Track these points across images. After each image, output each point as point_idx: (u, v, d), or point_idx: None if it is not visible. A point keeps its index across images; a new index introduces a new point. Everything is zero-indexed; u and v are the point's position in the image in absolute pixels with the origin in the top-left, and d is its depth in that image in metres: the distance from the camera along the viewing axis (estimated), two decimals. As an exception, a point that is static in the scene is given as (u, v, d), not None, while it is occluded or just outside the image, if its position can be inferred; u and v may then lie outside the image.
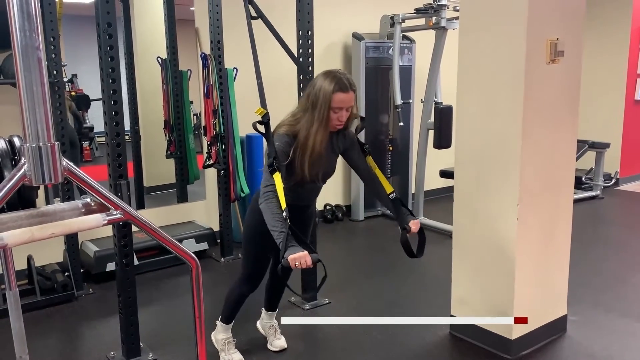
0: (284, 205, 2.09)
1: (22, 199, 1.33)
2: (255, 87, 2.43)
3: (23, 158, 1.13)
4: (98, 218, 1.22)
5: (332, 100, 2.14)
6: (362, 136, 2.54)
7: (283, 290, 2.78)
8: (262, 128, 2.25)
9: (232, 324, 2.66)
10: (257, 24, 2.77)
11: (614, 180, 6.43)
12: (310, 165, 2.23)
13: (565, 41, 2.52)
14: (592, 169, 6.13)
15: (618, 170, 6.55)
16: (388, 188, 2.34)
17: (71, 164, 1.19)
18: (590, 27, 5.84)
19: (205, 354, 1.46)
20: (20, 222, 1.19)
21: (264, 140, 2.34)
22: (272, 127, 2.30)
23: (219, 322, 2.67)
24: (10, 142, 1.35)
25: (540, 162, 2.57)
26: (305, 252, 2.01)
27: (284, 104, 4.14)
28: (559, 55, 2.50)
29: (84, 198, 1.34)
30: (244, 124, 4.11)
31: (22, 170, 1.13)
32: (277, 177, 2.12)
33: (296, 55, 2.98)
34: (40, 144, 1.13)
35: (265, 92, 2.53)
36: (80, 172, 1.20)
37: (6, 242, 1.10)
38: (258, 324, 2.88)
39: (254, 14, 2.72)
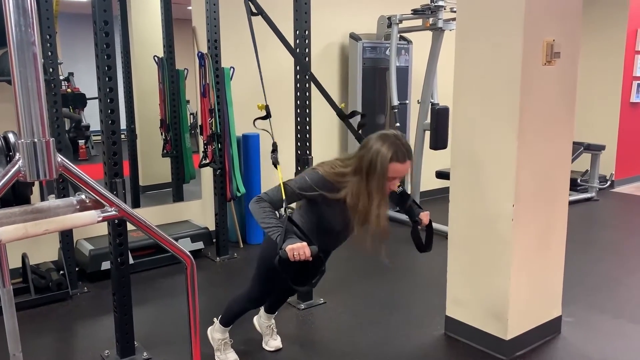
0: (284, 196, 2.09)
1: (17, 195, 1.32)
2: (252, 86, 2.43)
3: (18, 154, 1.13)
4: (92, 215, 1.21)
5: (388, 169, 2.02)
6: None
7: (286, 300, 2.79)
8: (263, 124, 2.25)
9: (230, 327, 2.66)
10: (256, 23, 2.77)
11: (609, 183, 6.45)
12: (361, 228, 2.14)
13: (561, 43, 2.52)
14: (587, 170, 6.15)
15: (613, 173, 6.57)
16: None
17: (66, 160, 1.18)
18: (586, 30, 5.86)
19: (199, 354, 1.45)
20: (14, 219, 1.18)
21: (261, 137, 2.34)
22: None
23: (217, 322, 2.66)
24: (5, 138, 1.34)
25: (536, 163, 2.58)
26: (304, 243, 1.98)
27: (282, 103, 4.16)
28: (556, 56, 2.51)
29: (78, 195, 1.33)
30: (241, 123, 4.11)
31: (17, 166, 1.13)
32: (279, 170, 2.12)
33: (293, 55, 2.98)
34: (35, 140, 1.12)
35: (265, 91, 2.54)
36: (75, 169, 1.20)
37: (0, 238, 1.09)
38: (255, 320, 2.87)
39: (254, 10, 2.72)
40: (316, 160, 3.17)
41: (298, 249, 1.96)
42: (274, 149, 2.17)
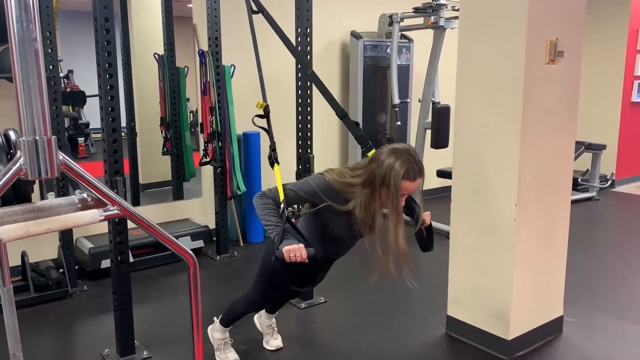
0: (282, 198, 2.08)
1: (18, 193, 1.31)
2: (253, 84, 2.42)
3: (19, 152, 1.11)
4: (95, 214, 1.20)
5: (400, 187, 1.98)
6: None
7: (287, 301, 2.78)
8: (262, 123, 2.24)
9: (230, 327, 2.65)
10: (257, 22, 2.75)
11: (610, 182, 6.44)
12: (383, 253, 2.11)
13: (565, 41, 2.51)
14: (588, 170, 6.14)
15: (614, 172, 6.57)
16: None
17: (68, 158, 1.17)
18: (588, 29, 5.83)
19: (202, 352, 1.44)
20: (15, 217, 1.17)
21: (261, 135, 2.33)
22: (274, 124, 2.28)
23: (217, 322, 2.65)
24: (6, 136, 1.33)
25: (539, 163, 2.57)
26: (301, 245, 1.98)
27: (282, 100, 4.14)
28: (559, 55, 2.50)
29: (80, 193, 1.32)
30: (241, 121, 4.09)
31: (18, 164, 1.11)
32: (277, 170, 2.11)
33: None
34: (37, 138, 1.11)
35: (265, 90, 2.52)
36: (77, 167, 1.18)
37: (1, 237, 1.08)
38: (256, 319, 2.86)
39: (255, 8, 2.71)
40: (317, 159, 3.17)
41: (294, 251, 1.95)
42: (273, 149, 2.15)
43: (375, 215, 2.05)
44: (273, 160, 2.15)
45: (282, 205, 2.07)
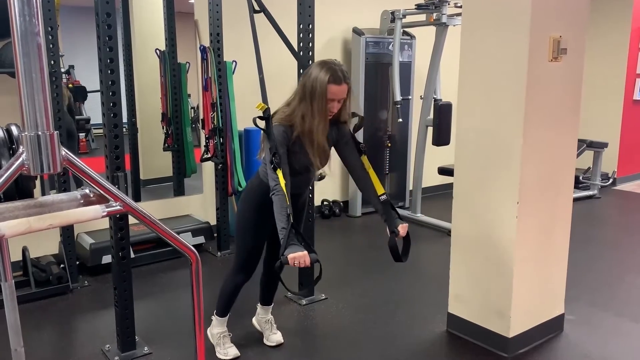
0: (288, 201, 2.09)
1: (20, 189, 1.30)
2: (254, 81, 2.41)
3: (21, 147, 1.11)
4: (97, 209, 1.19)
5: (327, 91, 2.17)
6: (360, 132, 2.52)
7: (277, 284, 2.76)
8: (262, 124, 2.24)
9: (227, 317, 2.65)
10: (258, 19, 2.74)
11: (611, 180, 6.44)
12: (317, 156, 2.28)
13: (568, 39, 2.50)
14: (589, 168, 6.13)
15: (615, 170, 6.56)
16: (379, 189, 2.33)
17: (70, 153, 1.16)
18: (590, 27, 5.83)
19: (204, 347, 1.44)
20: (18, 213, 1.16)
21: (262, 134, 2.32)
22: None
23: (214, 317, 2.66)
24: (8, 131, 1.32)
25: (541, 160, 2.56)
26: (305, 252, 2.03)
27: (283, 98, 4.13)
28: (562, 53, 2.49)
29: (82, 189, 1.31)
30: (243, 117, 4.09)
31: (21, 159, 1.11)
32: (280, 174, 2.12)
33: (296, 49, 2.95)
34: (39, 133, 1.10)
35: (266, 86, 2.49)
36: (79, 162, 1.18)
37: (3, 233, 1.07)
38: (254, 320, 2.87)
39: (256, 7, 2.69)
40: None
41: (299, 258, 2.02)
42: (274, 153, 2.15)
43: (313, 125, 2.22)
44: (275, 165, 2.15)
45: (288, 210, 2.10)
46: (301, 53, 3.05)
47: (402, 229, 2.25)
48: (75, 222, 1.19)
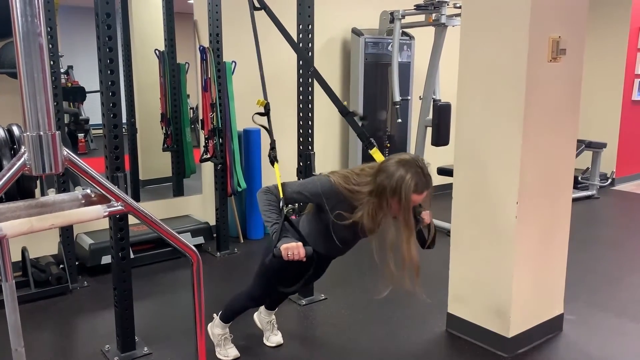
0: (281, 195, 2.08)
1: (21, 189, 1.30)
2: (254, 81, 2.41)
3: (23, 147, 1.11)
4: (98, 209, 1.19)
5: (410, 201, 1.96)
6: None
7: (287, 297, 2.79)
8: (262, 121, 2.24)
9: (230, 323, 2.65)
10: (258, 17, 2.74)
11: (610, 180, 6.45)
12: (355, 239, 2.21)
13: (567, 39, 2.51)
14: (588, 168, 6.14)
15: (614, 170, 6.57)
16: None
17: (72, 154, 1.16)
18: (589, 27, 5.83)
19: (204, 348, 1.44)
20: (19, 213, 1.16)
21: (262, 132, 2.33)
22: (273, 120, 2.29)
23: (217, 318, 2.65)
24: (9, 131, 1.32)
25: (540, 160, 2.57)
26: (299, 243, 2.00)
27: (283, 98, 4.14)
28: (561, 53, 2.49)
29: (83, 189, 1.31)
30: (242, 118, 4.09)
31: (22, 159, 1.11)
32: (277, 168, 2.12)
33: (296, 49, 2.96)
34: (41, 133, 1.10)
35: (266, 84, 2.50)
36: (81, 163, 1.18)
37: (5, 233, 1.07)
38: (255, 317, 2.86)
39: (257, 4, 2.70)
40: (318, 156, 3.16)
41: (292, 249, 1.97)
42: (273, 147, 2.16)
43: (381, 224, 2.07)
44: (272, 158, 2.16)
45: (281, 203, 2.08)
46: (301, 53, 3.05)
47: (426, 215, 2.24)
48: (77, 222, 1.19)
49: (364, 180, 2.07)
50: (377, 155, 2.35)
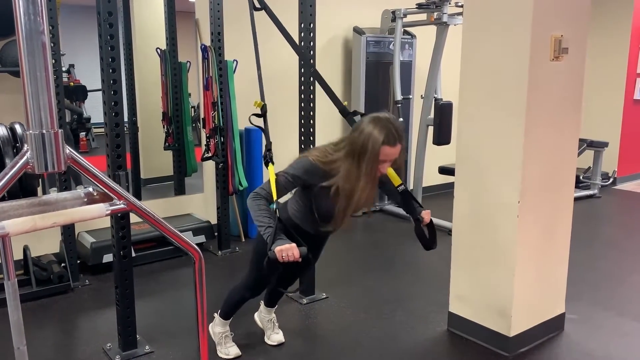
0: (275, 197, 2.09)
1: (24, 187, 1.31)
2: (255, 80, 2.41)
3: (26, 145, 1.11)
4: (101, 208, 1.19)
5: (380, 153, 2.01)
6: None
7: (284, 292, 2.79)
8: (259, 122, 2.25)
9: (230, 320, 2.65)
10: (259, 17, 2.74)
11: (611, 179, 6.44)
12: (347, 215, 2.19)
13: (569, 38, 2.50)
14: (590, 167, 6.14)
15: (616, 170, 6.56)
16: (396, 181, 2.33)
17: (74, 152, 1.16)
18: (591, 26, 5.84)
19: (207, 346, 1.44)
20: (22, 211, 1.17)
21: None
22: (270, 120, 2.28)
23: (217, 316, 2.66)
24: (12, 129, 1.32)
25: (542, 159, 2.56)
26: (293, 245, 2.00)
27: (284, 98, 4.14)
28: (563, 52, 2.49)
29: (85, 187, 1.31)
30: (243, 116, 4.07)
31: (25, 157, 1.11)
32: (271, 169, 2.12)
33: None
34: (44, 131, 1.10)
35: (266, 85, 2.50)
36: (83, 161, 1.18)
37: (7, 231, 1.08)
38: (256, 316, 2.86)
39: (257, 4, 2.70)
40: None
41: (287, 250, 1.97)
42: (268, 149, 2.17)
43: (356, 187, 2.10)
44: (268, 159, 2.17)
45: (274, 206, 2.09)
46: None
47: (426, 215, 2.26)
48: (79, 220, 1.19)
49: (340, 146, 2.13)
50: None
